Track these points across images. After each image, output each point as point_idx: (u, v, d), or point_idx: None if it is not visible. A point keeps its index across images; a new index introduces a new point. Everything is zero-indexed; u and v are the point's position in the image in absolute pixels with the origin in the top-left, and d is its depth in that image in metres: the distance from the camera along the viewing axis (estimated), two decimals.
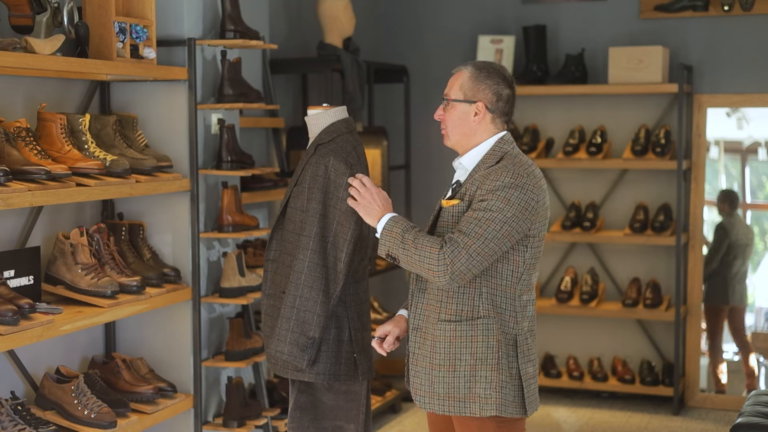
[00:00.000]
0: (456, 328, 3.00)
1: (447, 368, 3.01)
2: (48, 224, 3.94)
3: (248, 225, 4.42)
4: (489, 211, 2.93)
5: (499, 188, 2.95)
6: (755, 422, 3.91)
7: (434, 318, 3.04)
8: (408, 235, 2.98)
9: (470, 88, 3.09)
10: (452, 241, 2.91)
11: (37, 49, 3.42)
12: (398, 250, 3.00)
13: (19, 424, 3.41)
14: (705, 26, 6.13)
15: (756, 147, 6.45)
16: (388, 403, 5.84)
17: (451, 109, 3.11)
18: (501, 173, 2.97)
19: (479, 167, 3.07)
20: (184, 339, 4.32)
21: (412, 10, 6.77)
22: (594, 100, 6.38)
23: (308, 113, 3.70)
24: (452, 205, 3.04)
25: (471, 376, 2.99)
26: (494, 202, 2.93)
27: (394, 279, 6.78)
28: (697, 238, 6.18)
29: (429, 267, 2.92)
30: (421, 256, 2.94)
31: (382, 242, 3.04)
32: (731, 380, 6.41)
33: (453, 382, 3.01)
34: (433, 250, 2.92)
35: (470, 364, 2.99)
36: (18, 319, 3.31)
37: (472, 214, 2.95)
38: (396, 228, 3.02)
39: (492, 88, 3.08)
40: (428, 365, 3.04)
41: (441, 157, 6.69)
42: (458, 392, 3.01)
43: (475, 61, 3.15)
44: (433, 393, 3.04)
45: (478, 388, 2.99)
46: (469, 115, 3.09)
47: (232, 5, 4.37)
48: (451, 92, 3.11)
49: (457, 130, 3.11)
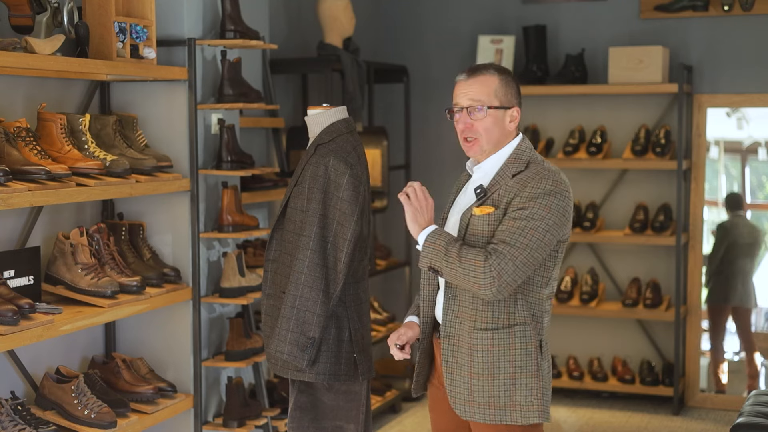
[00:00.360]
0: (493, 336, 2.94)
1: (486, 377, 2.95)
2: (48, 224, 3.94)
3: (248, 225, 4.42)
4: (531, 220, 2.87)
5: (539, 196, 2.89)
6: (755, 422, 3.91)
7: (469, 326, 2.97)
8: (452, 248, 2.89)
9: (504, 93, 3.01)
10: (497, 253, 2.84)
11: (37, 49, 3.42)
12: (441, 262, 2.91)
13: (19, 424, 3.41)
14: (705, 26, 6.13)
15: (756, 147, 6.45)
16: (388, 403, 5.84)
17: (484, 117, 3.00)
18: (540, 180, 2.92)
19: (503, 172, 3.00)
20: (184, 339, 4.32)
21: (412, 10, 6.77)
22: (594, 100, 6.38)
23: (308, 113, 3.70)
24: (486, 213, 2.95)
25: (511, 384, 2.95)
26: (536, 210, 2.88)
27: (394, 279, 6.78)
28: (697, 238, 6.18)
29: (475, 280, 2.84)
30: (465, 269, 2.86)
31: (424, 254, 2.95)
32: (731, 380, 6.41)
33: (492, 390, 2.95)
34: (478, 263, 2.84)
35: (509, 373, 2.94)
36: (18, 319, 3.31)
37: (514, 223, 2.88)
38: (439, 240, 2.93)
39: (518, 91, 3.06)
40: (466, 374, 2.98)
41: (441, 157, 6.70)
42: (498, 401, 2.95)
43: (491, 65, 3.06)
44: (473, 402, 2.98)
45: (518, 395, 2.95)
46: (504, 122, 3.02)
47: (232, 5, 4.37)
48: (485, 99, 3.00)
49: (492, 138, 3.02)
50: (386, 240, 6.76)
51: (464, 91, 3.03)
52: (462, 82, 3.05)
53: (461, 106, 3.02)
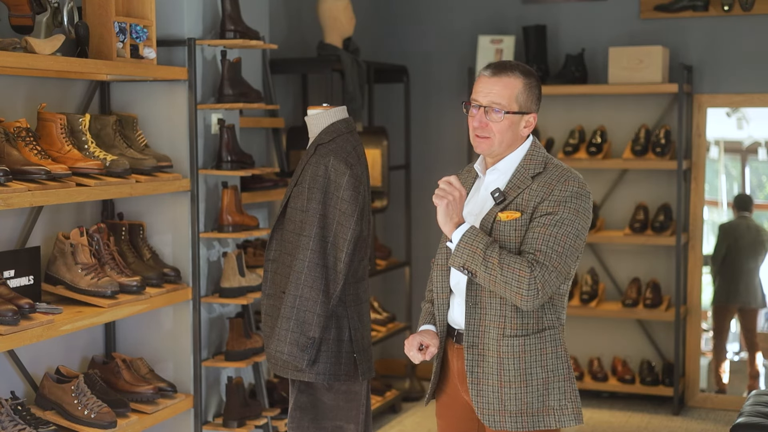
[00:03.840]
0: (524, 342, 2.88)
1: (518, 385, 2.88)
2: (48, 224, 3.94)
3: (248, 225, 4.42)
4: (563, 225, 2.82)
5: (567, 199, 2.85)
6: (755, 422, 3.91)
7: (496, 334, 2.89)
8: (491, 253, 2.79)
9: (525, 99, 2.94)
10: (540, 264, 2.77)
11: (37, 49, 3.42)
12: (479, 266, 2.80)
13: (19, 424, 3.41)
14: (705, 26, 6.13)
15: (756, 147, 6.45)
16: (388, 403, 5.84)
17: (501, 119, 2.92)
18: (567, 183, 2.88)
19: (520, 173, 2.93)
20: (184, 339, 4.32)
21: (412, 11, 6.77)
22: (594, 100, 6.38)
23: (308, 113, 3.70)
24: (513, 219, 2.87)
25: (544, 389, 2.89)
26: (566, 214, 2.83)
27: (394, 279, 6.78)
28: (697, 238, 6.18)
29: (518, 290, 2.77)
30: (507, 278, 2.77)
31: (458, 254, 2.83)
32: (732, 380, 6.41)
33: (525, 398, 2.88)
34: (523, 273, 2.76)
35: (542, 378, 2.89)
36: (18, 319, 3.31)
37: (545, 230, 2.82)
38: (478, 243, 2.81)
39: (538, 97, 2.98)
40: (496, 383, 2.89)
41: (441, 157, 6.69)
42: (531, 407, 2.89)
43: (515, 64, 2.96)
44: (504, 411, 2.89)
45: (551, 400, 2.90)
46: (518, 126, 2.95)
47: (232, 5, 4.37)
48: (505, 102, 2.91)
49: (504, 140, 2.94)
50: (386, 240, 6.76)
51: (486, 90, 2.93)
52: (485, 79, 2.95)
53: (479, 104, 2.94)
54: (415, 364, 6.40)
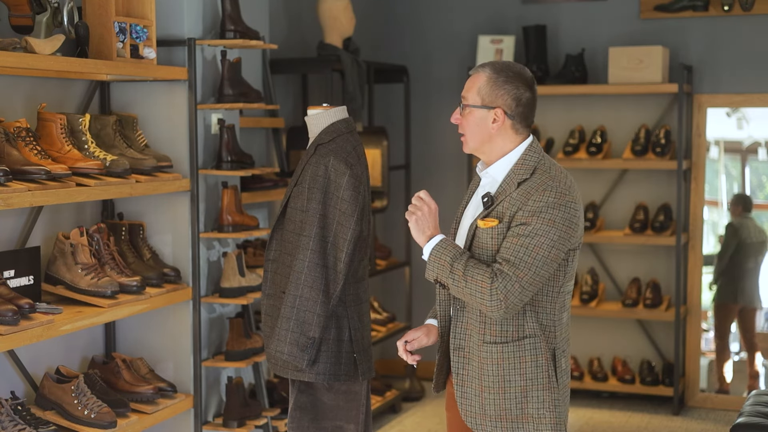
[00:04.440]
0: (503, 349, 2.88)
1: (497, 390, 2.90)
2: (48, 224, 3.94)
3: (248, 225, 4.42)
4: (535, 236, 2.79)
5: (542, 209, 2.80)
6: (755, 422, 3.91)
7: (478, 339, 2.91)
8: (457, 265, 2.83)
9: (488, 92, 2.91)
10: (503, 274, 2.77)
11: (37, 49, 3.42)
12: (447, 279, 2.85)
13: (19, 424, 3.41)
14: (705, 26, 6.13)
15: (756, 147, 6.45)
16: (388, 403, 5.84)
17: (468, 114, 2.94)
18: (543, 193, 2.83)
19: (510, 179, 2.92)
20: (184, 339, 4.32)
21: (412, 10, 6.77)
22: (594, 100, 6.39)
23: (308, 113, 3.70)
24: (490, 226, 2.87)
25: (522, 397, 2.89)
26: (539, 225, 2.80)
27: (394, 279, 6.78)
28: (697, 238, 6.18)
29: (482, 301, 2.79)
30: (472, 289, 2.80)
31: (430, 267, 2.89)
32: (732, 380, 6.41)
33: (504, 404, 2.90)
34: (484, 285, 2.77)
35: (521, 386, 2.89)
36: (18, 319, 3.31)
37: (517, 240, 2.80)
38: (445, 256, 2.86)
39: (511, 92, 2.91)
40: (477, 387, 2.93)
41: (441, 157, 6.69)
42: (510, 413, 2.90)
43: (494, 63, 2.96)
44: (484, 415, 2.92)
45: (530, 408, 2.90)
46: (487, 122, 2.93)
47: (232, 5, 4.37)
48: (469, 96, 2.93)
49: (475, 137, 2.95)
50: (386, 240, 6.76)
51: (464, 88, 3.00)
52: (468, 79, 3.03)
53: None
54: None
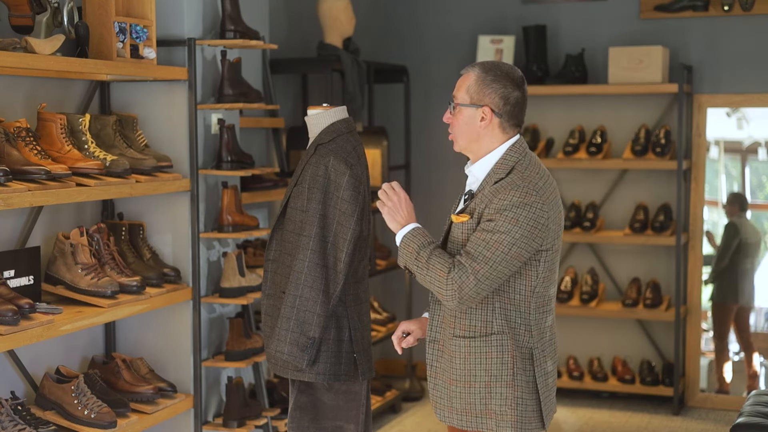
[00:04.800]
0: (470, 344, 2.94)
1: (463, 384, 2.96)
2: (48, 224, 3.94)
3: (248, 225, 4.42)
4: (497, 233, 2.83)
5: (507, 208, 2.85)
6: (755, 422, 3.91)
7: (449, 333, 2.98)
8: (422, 253, 2.91)
9: (477, 91, 2.96)
10: (460, 266, 2.84)
11: (37, 49, 3.42)
12: (412, 266, 2.94)
13: (19, 424, 3.41)
14: (705, 26, 6.13)
15: (756, 147, 6.45)
16: (388, 403, 5.84)
17: (458, 113, 2.99)
18: (509, 191, 2.87)
19: (489, 177, 2.96)
20: (184, 339, 4.32)
21: (412, 10, 6.77)
22: (594, 100, 6.39)
23: (308, 113, 3.70)
24: (461, 221, 2.94)
25: (486, 392, 2.94)
26: (502, 222, 2.84)
27: (394, 279, 6.78)
28: (697, 238, 6.18)
29: (438, 290, 2.87)
30: (431, 277, 2.88)
31: (401, 254, 2.98)
32: (732, 380, 6.41)
33: (469, 398, 2.95)
34: (442, 274, 2.85)
35: (485, 381, 2.93)
36: (18, 319, 3.31)
37: (480, 235, 2.86)
38: (413, 243, 2.95)
39: (499, 91, 2.95)
40: (446, 380, 3.00)
41: (441, 157, 6.69)
42: (474, 408, 2.96)
43: (484, 62, 3.01)
44: (452, 407, 2.99)
45: (493, 404, 2.94)
46: (475, 120, 2.97)
47: (232, 5, 4.37)
48: (458, 95, 2.99)
49: (464, 135, 3.00)
50: (386, 240, 6.76)
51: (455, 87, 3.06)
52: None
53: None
54: (414, 364, 6.40)
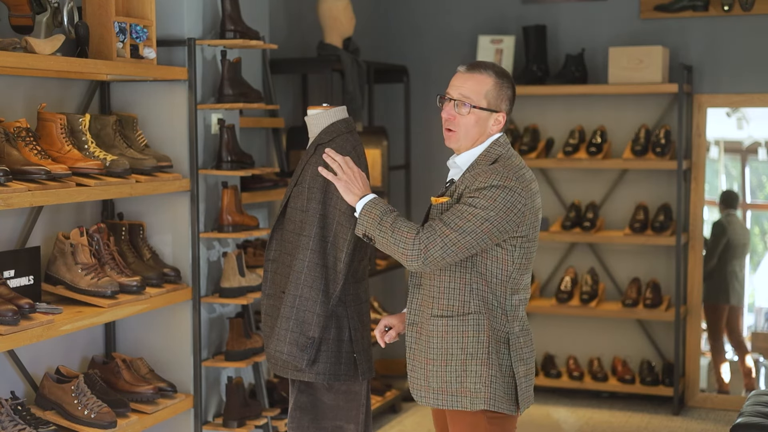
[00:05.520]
0: (447, 323, 3.05)
1: (440, 363, 3.06)
2: (48, 224, 3.94)
3: (248, 225, 4.42)
4: (472, 207, 2.96)
5: (486, 188, 2.97)
6: (755, 422, 3.91)
7: (428, 313, 3.09)
8: (387, 218, 3.04)
9: (495, 97, 3.08)
10: (430, 228, 2.97)
11: (37, 49, 3.42)
12: (375, 231, 3.05)
13: (19, 424, 3.41)
14: (705, 26, 6.13)
15: (756, 147, 6.45)
16: (388, 403, 5.84)
17: (468, 113, 3.07)
18: (490, 175, 2.99)
19: (473, 168, 3.08)
20: (184, 339, 4.32)
21: (412, 10, 6.77)
22: (594, 100, 6.39)
23: (308, 113, 3.69)
24: (441, 202, 3.08)
25: (462, 370, 3.04)
26: (479, 200, 2.96)
27: (394, 279, 6.78)
28: (697, 238, 6.18)
29: (403, 251, 2.98)
30: (396, 239, 2.99)
31: (360, 222, 3.10)
32: (731, 380, 6.41)
33: (445, 376, 3.05)
34: (409, 235, 2.97)
35: (461, 359, 3.04)
36: (18, 319, 3.31)
37: (456, 207, 2.99)
38: (375, 210, 3.07)
39: (510, 98, 3.11)
40: (423, 360, 3.09)
41: (441, 157, 6.66)
42: (450, 386, 3.05)
43: (494, 65, 3.12)
44: (428, 387, 3.09)
45: (468, 382, 3.03)
46: (487, 123, 3.09)
47: (232, 5, 4.37)
48: (474, 97, 3.07)
49: (470, 135, 3.09)
50: None
51: (458, 84, 3.10)
52: (459, 75, 3.12)
53: (451, 97, 3.10)
54: None
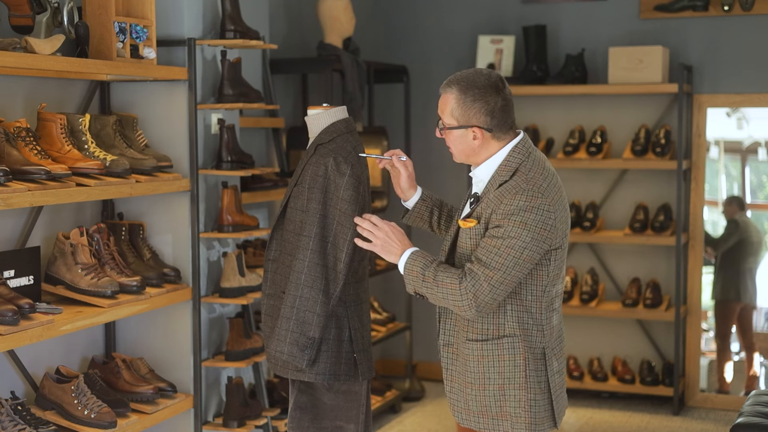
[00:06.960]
0: (483, 347, 2.98)
1: (478, 387, 3.00)
2: (48, 224, 3.94)
3: (248, 225, 4.42)
4: (507, 239, 2.85)
5: (514, 212, 2.85)
6: (755, 422, 3.91)
7: (463, 336, 3.02)
8: (428, 273, 2.93)
9: (461, 113, 2.96)
10: (472, 274, 2.86)
11: (37, 49, 3.42)
12: (421, 288, 2.96)
13: (19, 424, 3.41)
14: (705, 26, 6.13)
15: (756, 147, 6.45)
16: (388, 403, 5.84)
17: (448, 133, 3.02)
18: (515, 196, 2.87)
19: (494, 180, 2.97)
20: (184, 339, 4.32)
21: (412, 10, 6.77)
22: (594, 100, 6.39)
23: (308, 113, 3.69)
24: (469, 227, 2.96)
25: (501, 395, 2.98)
26: (511, 228, 2.85)
27: (394, 279, 6.77)
28: (697, 238, 6.18)
29: (454, 303, 2.89)
30: (444, 292, 2.89)
31: (407, 281, 3.00)
32: (732, 380, 6.41)
33: (484, 400, 3.00)
34: (453, 286, 2.87)
35: (499, 384, 2.98)
36: (18, 319, 3.31)
37: (490, 241, 2.87)
38: (416, 267, 2.96)
39: (483, 109, 2.94)
40: (462, 383, 3.05)
41: (441, 157, 6.69)
42: (490, 410, 3.00)
43: (460, 79, 2.97)
44: (468, 410, 3.04)
45: (508, 406, 2.98)
46: (467, 138, 2.99)
47: (232, 5, 4.37)
48: (444, 117, 3.01)
49: (461, 152, 3.04)
50: None
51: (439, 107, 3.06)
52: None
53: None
54: (414, 364, 6.40)
